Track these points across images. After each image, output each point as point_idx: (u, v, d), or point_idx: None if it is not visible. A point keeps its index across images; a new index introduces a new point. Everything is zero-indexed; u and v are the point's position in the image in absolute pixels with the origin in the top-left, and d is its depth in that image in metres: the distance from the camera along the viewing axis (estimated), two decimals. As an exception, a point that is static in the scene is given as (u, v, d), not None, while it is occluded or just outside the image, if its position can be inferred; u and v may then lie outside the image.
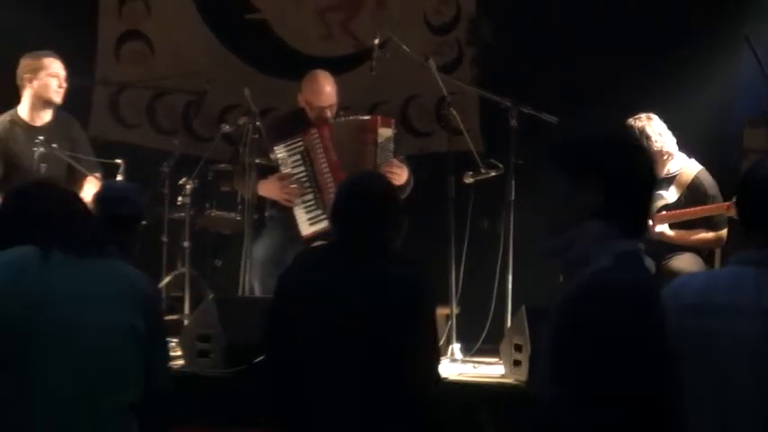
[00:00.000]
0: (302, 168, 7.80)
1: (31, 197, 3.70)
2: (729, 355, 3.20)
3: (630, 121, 7.63)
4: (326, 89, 7.85)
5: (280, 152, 7.79)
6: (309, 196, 7.80)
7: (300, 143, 7.79)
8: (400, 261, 4.53)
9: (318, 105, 7.82)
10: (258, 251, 7.77)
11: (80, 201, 3.80)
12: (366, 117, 7.94)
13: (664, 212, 7.59)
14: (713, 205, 7.50)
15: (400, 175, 7.75)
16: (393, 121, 8.00)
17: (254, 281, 7.68)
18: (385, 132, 7.79)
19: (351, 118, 7.90)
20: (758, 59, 7.50)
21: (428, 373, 4.55)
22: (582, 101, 8.41)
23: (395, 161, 7.79)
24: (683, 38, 8.74)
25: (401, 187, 7.70)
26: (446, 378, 6.95)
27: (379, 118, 7.91)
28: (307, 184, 7.81)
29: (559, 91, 8.26)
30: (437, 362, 4.75)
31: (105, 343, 3.54)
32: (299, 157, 7.79)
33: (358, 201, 4.62)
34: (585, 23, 8.84)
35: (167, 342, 4.15)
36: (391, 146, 7.81)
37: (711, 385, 3.22)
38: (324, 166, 7.75)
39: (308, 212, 7.80)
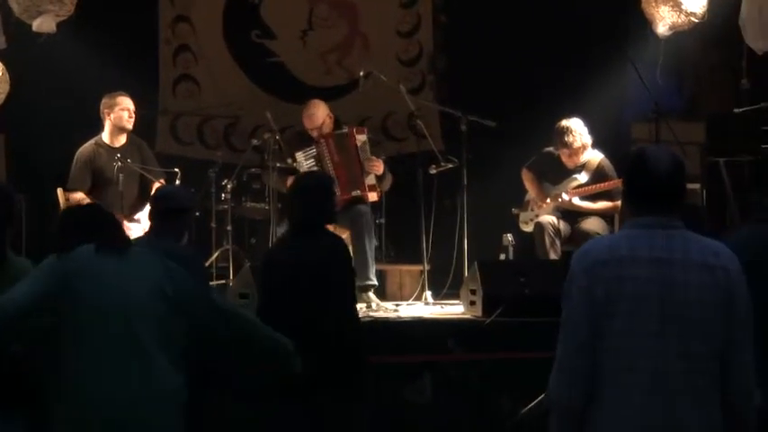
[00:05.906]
0: (315, 168, 7.76)
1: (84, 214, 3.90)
2: (631, 292, 3.14)
3: (562, 121, 7.57)
4: (314, 114, 7.78)
5: (299, 157, 7.73)
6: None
7: (313, 150, 7.75)
8: (328, 235, 4.99)
9: (310, 126, 7.78)
10: (281, 232, 7.72)
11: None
12: (344, 130, 7.82)
13: (578, 189, 7.58)
14: (611, 182, 7.48)
15: (378, 166, 7.69)
16: (365, 129, 7.94)
17: None
18: (361, 138, 7.72)
19: (338, 131, 7.81)
20: (639, 76, 7.49)
21: (348, 304, 4.93)
22: (514, 109, 8.37)
23: (373, 158, 7.71)
24: (588, 59, 8.68)
25: (381, 177, 7.69)
26: (421, 317, 6.94)
27: (353, 128, 7.84)
28: (319, 179, 7.81)
29: (497, 103, 8.20)
30: (353, 300, 5.08)
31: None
32: (312, 160, 7.75)
33: (300, 197, 4.97)
34: (516, 51, 8.76)
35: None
36: (367, 147, 7.72)
37: (622, 312, 3.14)
38: (329, 165, 7.71)
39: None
